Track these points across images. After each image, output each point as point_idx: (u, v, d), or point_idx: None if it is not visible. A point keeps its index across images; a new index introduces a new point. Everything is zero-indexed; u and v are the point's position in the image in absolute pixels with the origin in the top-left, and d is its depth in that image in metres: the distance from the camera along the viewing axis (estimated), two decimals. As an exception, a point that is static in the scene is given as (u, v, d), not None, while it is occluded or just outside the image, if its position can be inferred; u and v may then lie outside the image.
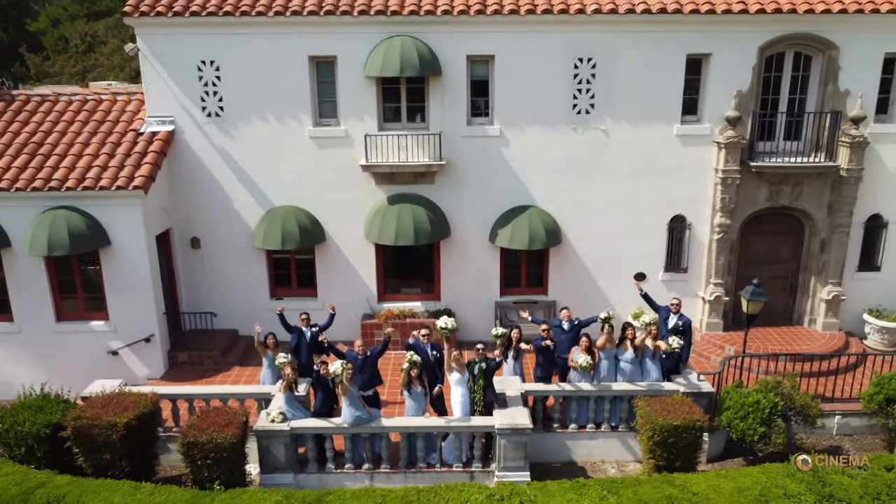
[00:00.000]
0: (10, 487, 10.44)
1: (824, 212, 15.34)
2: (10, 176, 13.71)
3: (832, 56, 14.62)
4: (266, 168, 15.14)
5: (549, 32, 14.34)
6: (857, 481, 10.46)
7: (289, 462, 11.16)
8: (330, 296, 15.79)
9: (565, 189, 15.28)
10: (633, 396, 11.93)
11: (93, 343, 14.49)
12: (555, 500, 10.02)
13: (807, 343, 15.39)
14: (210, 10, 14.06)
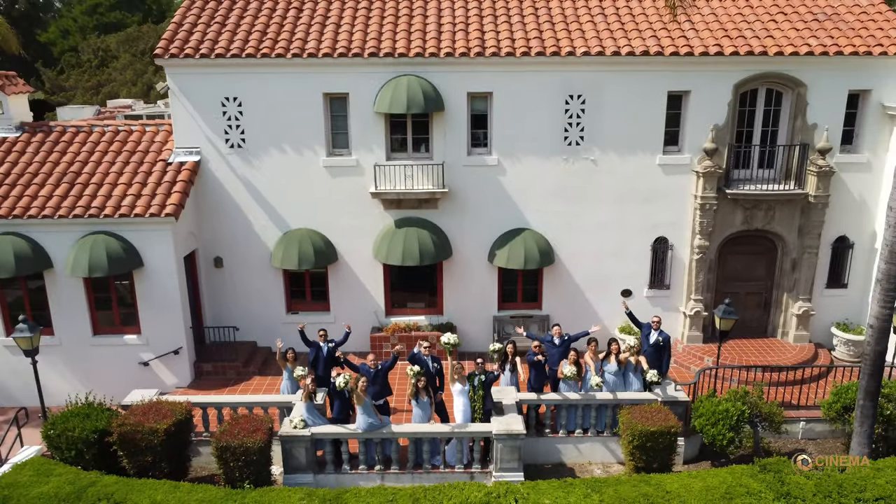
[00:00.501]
0: (65, 486, 11.83)
1: (795, 234, 16.73)
2: (52, 204, 15.12)
3: (801, 93, 16.03)
4: (283, 194, 16.54)
5: (542, 72, 15.75)
6: (812, 481, 11.84)
7: (309, 464, 12.57)
8: (341, 310, 17.25)
9: (558, 213, 16.68)
10: (617, 405, 13.34)
11: (126, 355, 15.89)
12: (545, 498, 11.41)
13: (779, 354, 16.79)
14: (233, 53, 15.47)
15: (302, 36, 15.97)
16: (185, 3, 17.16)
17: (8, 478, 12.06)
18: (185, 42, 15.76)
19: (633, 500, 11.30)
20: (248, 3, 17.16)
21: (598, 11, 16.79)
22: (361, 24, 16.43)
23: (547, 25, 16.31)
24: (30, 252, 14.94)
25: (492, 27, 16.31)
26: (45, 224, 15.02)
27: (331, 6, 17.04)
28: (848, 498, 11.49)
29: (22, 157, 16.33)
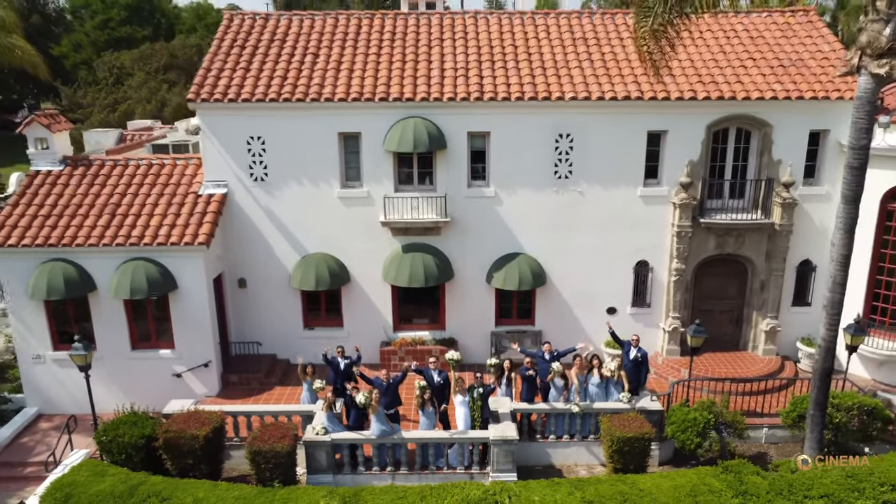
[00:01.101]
0: (118, 485, 13.62)
1: (763, 258, 18.55)
2: (97, 233, 16.94)
3: (767, 132, 17.86)
4: (302, 222, 18.35)
5: (534, 114, 17.57)
6: (767, 481, 13.65)
7: (329, 465, 14.38)
8: (353, 326, 19.08)
9: (549, 239, 18.50)
10: (599, 413, 15.15)
11: (160, 367, 17.69)
12: (535, 495, 13.21)
13: (749, 366, 18.60)
14: (258, 98, 17.29)
15: (319, 81, 17.80)
16: (213, 49, 18.97)
17: (68, 478, 13.86)
18: (214, 87, 17.57)
19: (610, 497, 13.10)
20: (268, 49, 18.97)
21: (586, 57, 18.61)
22: (372, 69, 18.25)
23: (539, 71, 18.14)
24: (77, 276, 16.75)
25: (489, 73, 18.14)
26: (90, 251, 16.83)
27: (343, 52, 18.86)
28: (797, 495, 13.28)
29: (66, 189, 18.14)
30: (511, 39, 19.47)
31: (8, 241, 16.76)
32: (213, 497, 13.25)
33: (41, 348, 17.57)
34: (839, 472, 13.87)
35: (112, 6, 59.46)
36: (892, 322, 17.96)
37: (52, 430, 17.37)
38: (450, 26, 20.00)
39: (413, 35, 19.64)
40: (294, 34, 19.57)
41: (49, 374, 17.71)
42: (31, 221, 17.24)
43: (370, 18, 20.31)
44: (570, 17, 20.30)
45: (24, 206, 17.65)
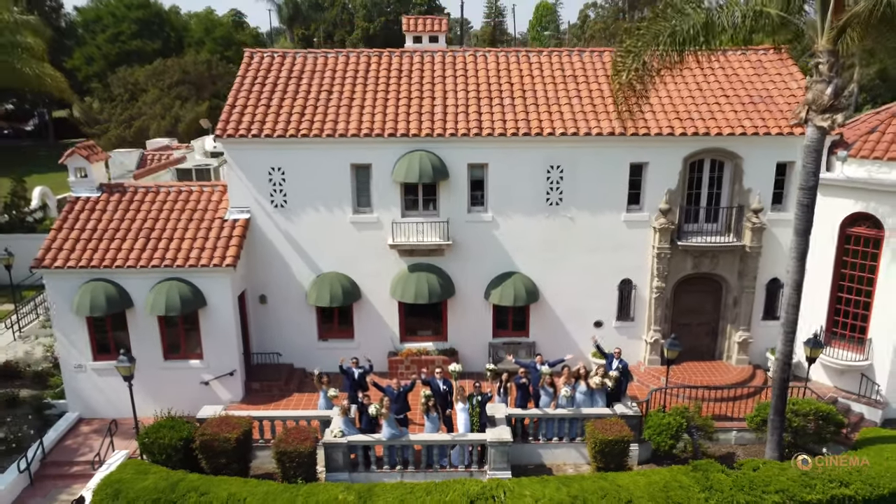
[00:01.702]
0: (160, 482, 15.51)
1: (735, 276, 20.44)
2: (134, 255, 18.83)
3: (738, 163, 19.76)
4: (317, 244, 20.24)
5: (528, 148, 19.47)
6: (731, 478, 15.54)
7: (345, 464, 16.27)
8: (364, 338, 20.99)
9: (541, 260, 20.39)
10: (584, 418, 17.05)
11: (190, 376, 19.57)
12: (526, 490, 15.10)
13: (723, 375, 20.49)
14: (279, 133, 19.20)
15: (333, 117, 19.70)
16: (236, 86, 20.88)
17: (115, 475, 15.76)
18: (239, 123, 19.47)
19: (592, 493, 15.00)
20: (286, 86, 20.87)
21: (575, 94, 20.51)
22: (381, 105, 20.15)
23: (532, 108, 20.04)
24: (116, 295, 18.64)
25: (487, 109, 20.05)
26: (128, 272, 18.72)
27: (355, 89, 20.76)
28: (756, 491, 15.18)
29: (104, 215, 20.02)
30: (507, 76, 21.36)
31: (55, 262, 18.66)
32: (244, 492, 15.14)
33: (83, 359, 19.44)
34: (795, 470, 15.79)
35: (123, 20, 61.49)
36: (851, 335, 19.84)
37: (93, 432, 19.27)
38: (451, 64, 21.90)
39: (418, 72, 21.54)
40: (309, 72, 21.46)
41: (89, 381, 19.59)
42: (74, 245, 19.13)
43: (378, 56, 22.21)
44: (560, 55, 22.21)
45: (67, 230, 19.53)
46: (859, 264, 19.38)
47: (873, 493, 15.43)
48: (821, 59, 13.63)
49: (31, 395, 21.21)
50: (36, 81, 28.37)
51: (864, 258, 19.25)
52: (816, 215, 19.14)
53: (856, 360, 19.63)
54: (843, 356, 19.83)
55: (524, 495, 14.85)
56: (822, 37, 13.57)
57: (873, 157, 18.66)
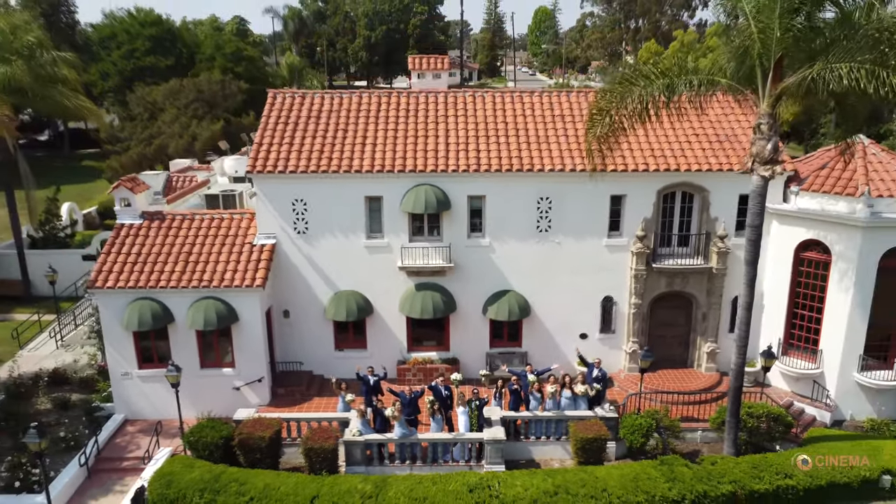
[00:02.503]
0: (205, 474, 18.17)
1: (704, 294, 23.12)
2: (175, 277, 21.50)
3: (705, 195, 22.45)
4: (335, 266, 22.91)
5: (521, 181, 22.15)
6: (692, 471, 18.24)
7: (363, 459, 18.95)
8: (375, 348, 23.66)
9: (533, 279, 23.06)
10: (568, 420, 19.73)
11: (223, 382, 22.22)
12: (517, 481, 17.79)
13: (693, 381, 23.16)
14: (301, 170, 21.88)
15: (349, 155, 22.39)
16: (262, 125, 23.55)
17: (166, 468, 18.45)
18: (266, 160, 22.15)
19: (574, 482, 17.70)
20: (307, 125, 23.53)
21: (562, 133, 23.18)
22: (391, 143, 22.82)
23: (524, 145, 22.73)
24: (160, 312, 21.32)
25: (485, 146, 22.73)
26: (170, 292, 21.40)
27: (367, 128, 23.42)
28: (713, 481, 17.91)
29: (147, 240, 22.67)
30: (503, 115, 24.02)
31: (106, 283, 21.34)
32: (277, 482, 17.85)
33: (129, 367, 22.10)
34: (747, 464, 18.52)
35: (137, 37, 64.09)
36: (805, 346, 22.52)
37: (138, 432, 21.93)
38: (453, 103, 24.56)
39: (423, 111, 24.20)
40: (326, 111, 24.12)
41: (134, 387, 22.25)
42: (122, 267, 21.79)
43: (388, 96, 24.87)
44: (550, 96, 24.90)
45: (115, 254, 22.19)
46: (811, 284, 22.07)
47: (812, 484, 18.21)
48: (763, 120, 16.32)
49: (80, 398, 23.84)
50: (75, 113, 31.03)
51: (816, 279, 21.94)
52: (775, 240, 22.06)
53: (809, 369, 22.34)
54: (798, 365, 22.54)
55: (515, 485, 17.57)
56: (764, 102, 16.26)
57: (823, 190, 21.34)
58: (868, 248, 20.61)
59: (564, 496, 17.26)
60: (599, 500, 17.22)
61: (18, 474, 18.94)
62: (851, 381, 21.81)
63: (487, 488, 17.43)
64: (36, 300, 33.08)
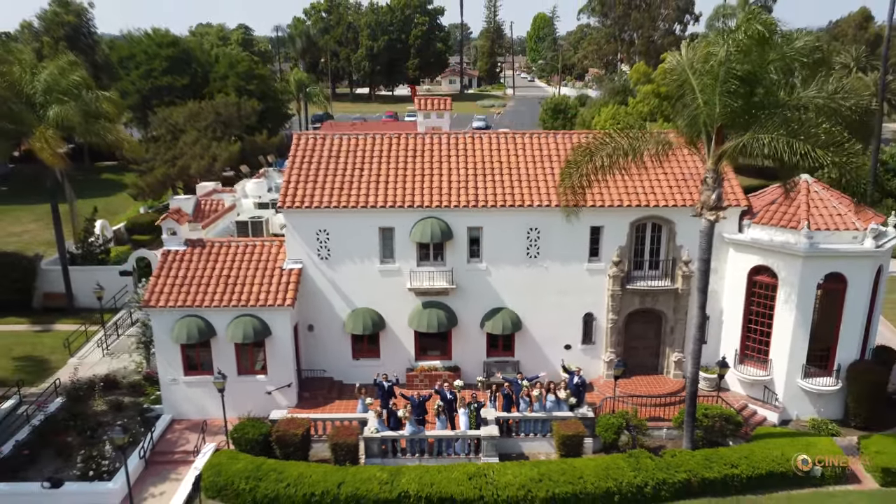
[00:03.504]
0: (248, 465, 21.82)
1: (671, 311, 26.77)
2: (217, 297, 25.13)
3: (672, 227, 26.10)
4: (352, 287, 26.56)
5: (513, 215, 25.79)
6: (654, 462, 21.91)
7: (379, 452, 22.61)
8: (387, 357, 27.31)
9: (524, 299, 26.69)
10: (552, 419, 23.38)
11: (257, 387, 25.85)
12: (509, 471, 21.45)
13: (662, 386, 26.79)
14: (324, 205, 25.52)
15: (365, 191, 26.03)
16: (289, 164, 27.17)
17: (214, 460, 22.12)
18: (294, 197, 25.79)
19: (555, 471, 21.37)
20: (328, 165, 27.15)
21: (549, 171, 26.80)
22: (401, 181, 26.45)
23: (516, 183, 26.37)
24: (204, 327, 24.95)
25: (482, 184, 26.36)
26: (212, 310, 25.04)
27: (381, 167, 27.05)
28: (671, 470, 21.58)
29: (191, 265, 26.30)
30: (497, 155, 27.64)
31: (158, 303, 24.98)
32: (309, 472, 21.51)
33: (176, 374, 25.74)
34: (701, 456, 22.18)
35: (154, 57, 67.75)
36: (757, 356, 26.16)
37: (184, 430, 25.56)
38: (454, 144, 28.18)
39: (429, 151, 27.82)
40: (344, 151, 27.76)
41: (181, 391, 25.89)
42: (171, 288, 25.42)
43: (398, 138, 28.50)
44: (539, 137, 28.56)
45: (164, 277, 25.82)
46: (762, 303, 25.72)
47: (754, 472, 21.89)
48: (708, 175, 19.98)
49: (131, 401, 27.44)
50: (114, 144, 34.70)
51: (766, 299, 25.59)
52: (731, 265, 25.77)
53: (760, 376, 26.00)
54: (752, 372, 26.20)
55: (507, 474, 21.25)
56: (709, 160, 19.92)
57: (771, 223, 25.00)
58: (808, 273, 24.26)
59: (547, 482, 20.95)
60: (576, 486, 20.91)
61: (91, 465, 22.54)
62: (796, 387, 25.46)
63: (484, 476, 21.12)
64: (78, 311, 36.71)
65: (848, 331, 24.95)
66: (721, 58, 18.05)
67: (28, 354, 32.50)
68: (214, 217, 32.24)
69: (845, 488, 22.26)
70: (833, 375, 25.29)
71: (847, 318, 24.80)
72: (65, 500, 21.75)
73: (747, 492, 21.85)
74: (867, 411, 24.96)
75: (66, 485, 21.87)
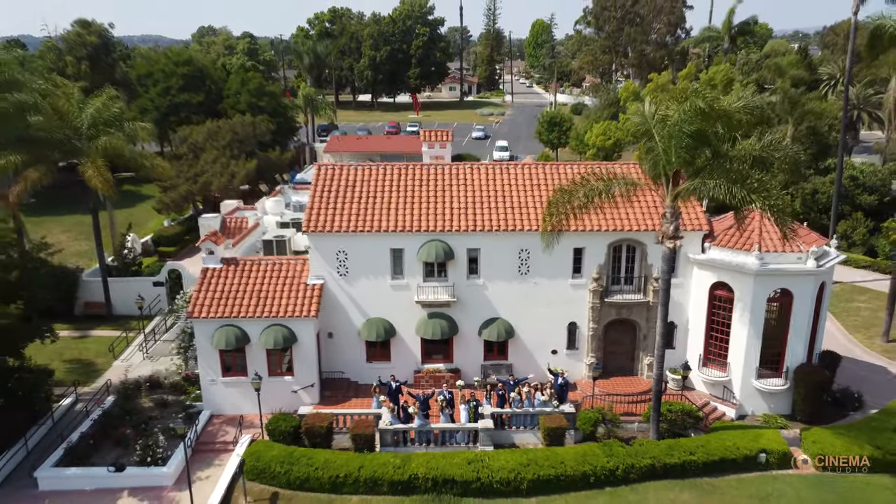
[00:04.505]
0: (282, 452, 25.81)
1: (644, 321, 30.81)
2: (251, 309, 29.16)
3: (644, 248, 30.14)
4: (367, 300, 30.58)
5: (506, 238, 29.83)
6: (625, 450, 25.96)
7: (392, 442, 26.67)
8: (397, 361, 31.35)
9: (516, 310, 30.73)
10: (539, 414, 27.44)
11: (284, 387, 29.87)
12: (502, 457, 25.50)
13: (637, 386, 30.82)
14: (343, 229, 29.56)
15: (378, 217, 30.07)
16: (312, 192, 31.19)
17: (252, 448, 26.17)
18: (317, 222, 29.83)
19: (541, 458, 25.42)
20: (346, 192, 31.17)
21: (539, 199, 30.82)
22: (409, 208, 30.47)
23: (510, 210, 30.40)
24: (241, 335, 28.98)
25: (480, 210, 30.40)
26: (247, 320, 29.07)
27: (391, 195, 31.08)
28: (638, 457, 25.62)
29: (227, 280, 30.33)
30: (493, 184, 31.66)
31: (200, 314, 29.01)
32: (333, 457, 25.56)
33: (215, 375, 29.77)
34: (665, 445, 26.23)
35: (171, 76, 71.73)
36: (718, 359, 30.19)
37: (223, 424, 29.59)
38: (455, 174, 32.20)
39: (433, 181, 31.85)
40: (361, 181, 31.78)
41: (219, 390, 29.93)
42: (211, 301, 29.45)
43: (406, 168, 32.51)
44: (529, 168, 32.60)
45: (204, 291, 29.84)
46: (721, 314, 29.77)
47: (709, 459, 25.92)
48: (668, 210, 24.01)
49: (173, 399, 31.49)
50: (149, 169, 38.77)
51: (724, 311, 29.63)
52: (695, 281, 29.80)
53: (720, 377, 30.05)
54: (713, 374, 30.25)
55: (500, 459, 25.31)
56: (668, 198, 23.96)
57: (728, 246, 29.04)
58: (759, 289, 28.30)
59: (534, 467, 25.00)
60: (558, 469, 24.96)
61: (148, 453, 26.56)
62: (751, 386, 29.51)
63: (480, 461, 25.17)
64: (115, 319, 40.76)
65: (795, 338, 29.00)
66: (674, 120, 22.08)
67: (76, 358, 36.54)
68: (241, 236, 36.20)
69: (787, 472, 26.31)
70: (783, 377, 29.34)
71: (793, 327, 28.84)
72: (127, 481, 25.83)
73: (703, 475, 25.89)
74: (811, 408, 29.02)
75: (127, 469, 25.94)
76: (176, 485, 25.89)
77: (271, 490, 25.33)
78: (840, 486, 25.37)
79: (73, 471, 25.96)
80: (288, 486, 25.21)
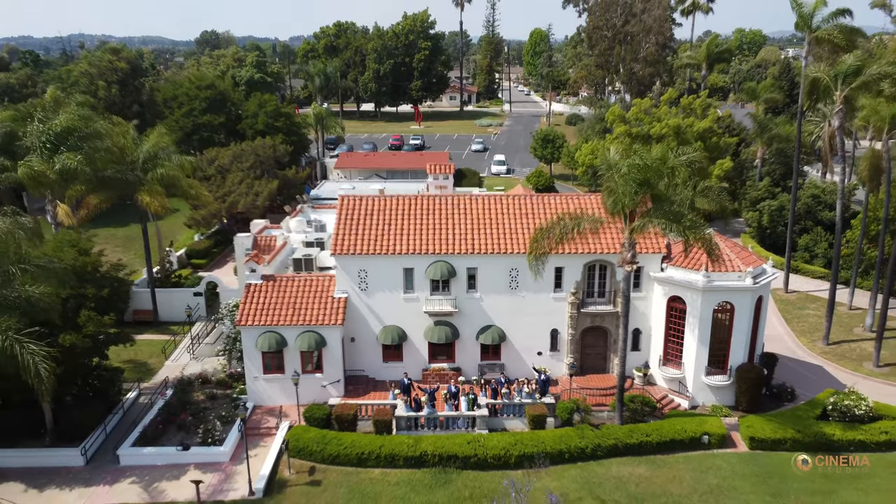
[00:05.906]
0: (316, 435, 32.06)
1: (615, 327, 36.98)
2: (288, 318, 35.33)
3: (613, 267, 36.31)
4: (383, 311, 36.76)
5: (499, 259, 36.01)
6: (594, 433, 32.18)
7: (406, 427, 32.90)
8: (408, 361, 37.56)
9: (507, 319, 36.91)
10: (526, 405, 33.64)
11: (315, 382, 36.03)
12: (495, 438, 31.73)
13: (608, 382, 36.94)
14: (364, 252, 35.76)
15: (393, 241, 36.25)
16: (337, 220, 37.34)
17: (293, 432, 32.45)
18: (343, 246, 36.02)
19: (526, 439, 31.67)
20: (365, 220, 37.35)
21: (527, 227, 36.98)
22: (418, 233, 36.62)
23: (502, 235, 36.59)
24: (281, 340, 35.17)
25: (478, 236, 36.56)
26: (285, 327, 35.25)
27: (404, 223, 37.26)
28: (605, 438, 31.87)
29: (267, 294, 36.49)
30: (488, 213, 37.81)
31: (247, 322, 35.20)
32: (359, 439, 31.78)
33: (258, 373, 35.97)
34: (627, 429, 32.45)
35: (194, 98, 77.92)
36: (675, 359, 36.37)
37: (263, 413, 35.75)
38: (457, 204, 38.38)
39: (438, 210, 38.00)
40: (378, 210, 37.94)
41: (261, 385, 36.14)
42: (255, 311, 35.61)
43: (416, 199, 38.71)
44: (520, 199, 38.80)
45: (248, 303, 36.01)
46: (677, 322, 35.96)
47: (662, 440, 32.15)
48: (626, 241, 30.20)
49: (221, 393, 37.65)
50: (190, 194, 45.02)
51: (679, 319, 35.83)
52: (656, 294, 35.99)
53: (677, 374, 36.26)
54: (671, 371, 36.46)
55: (493, 440, 31.57)
56: (626, 231, 30.15)
57: (682, 265, 35.24)
58: (706, 302, 34.50)
59: (520, 445, 31.23)
60: (539, 448, 31.18)
61: (208, 435, 32.75)
62: (701, 382, 35.71)
63: (477, 441, 31.40)
64: (161, 325, 46.94)
65: (736, 342, 35.20)
66: (624, 171, 28.31)
67: (131, 359, 42.69)
68: (273, 254, 42.29)
69: (725, 451, 32.51)
70: (727, 374, 35.53)
71: (735, 333, 35.04)
72: (192, 458, 32.04)
73: (657, 453, 32.08)
74: (749, 399, 35.21)
75: (192, 448, 32.15)
76: (231, 461, 32.11)
77: (309, 464, 31.55)
78: (765, 461, 31.58)
79: (149, 449, 32.18)
80: (322, 461, 31.43)
